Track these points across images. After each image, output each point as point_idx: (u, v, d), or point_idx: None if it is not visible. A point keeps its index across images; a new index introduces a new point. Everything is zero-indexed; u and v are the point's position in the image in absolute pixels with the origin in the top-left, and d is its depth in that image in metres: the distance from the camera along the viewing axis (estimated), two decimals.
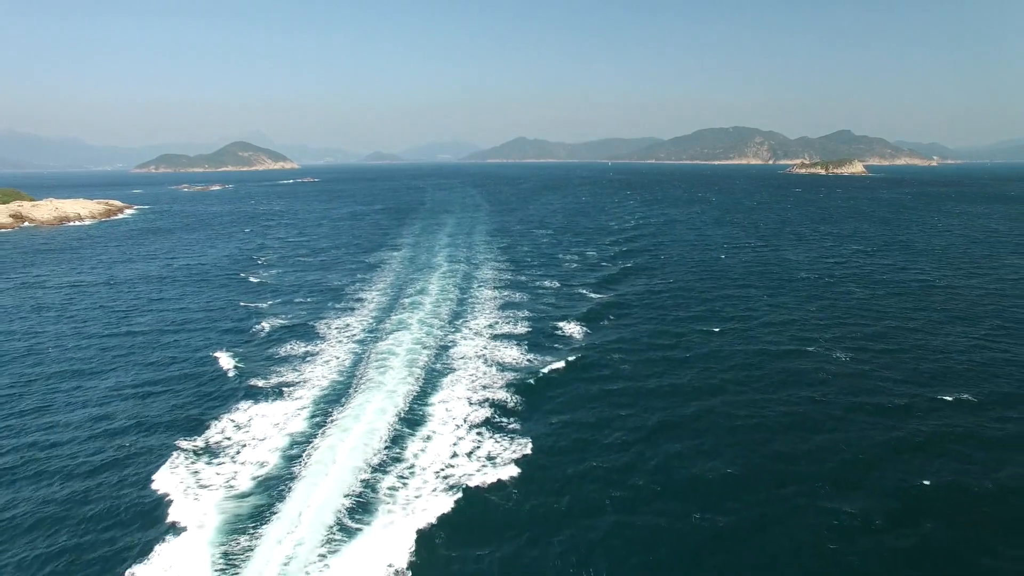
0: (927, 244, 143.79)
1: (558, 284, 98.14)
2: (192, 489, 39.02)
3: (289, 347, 67.34)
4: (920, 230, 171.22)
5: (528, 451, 43.53)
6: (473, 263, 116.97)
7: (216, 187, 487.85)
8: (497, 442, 44.56)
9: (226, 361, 63.22)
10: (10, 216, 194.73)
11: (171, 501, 37.83)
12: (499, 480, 39.42)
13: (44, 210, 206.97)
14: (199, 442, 45.40)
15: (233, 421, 48.69)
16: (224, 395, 54.48)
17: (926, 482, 40.15)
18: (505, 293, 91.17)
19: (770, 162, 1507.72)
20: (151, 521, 36.38)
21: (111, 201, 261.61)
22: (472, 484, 38.85)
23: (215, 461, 42.41)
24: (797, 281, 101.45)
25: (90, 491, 39.91)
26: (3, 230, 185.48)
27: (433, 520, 35.14)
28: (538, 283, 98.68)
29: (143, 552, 33.54)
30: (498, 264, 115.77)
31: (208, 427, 47.82)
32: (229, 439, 45.87)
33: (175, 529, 35.10)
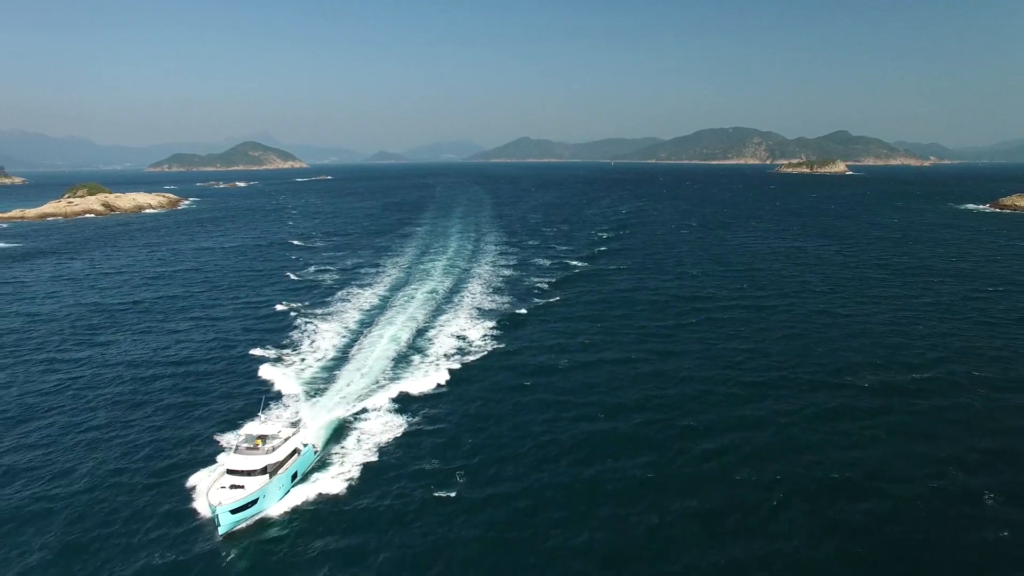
0: (828, 226, 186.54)
1: (539, 243, 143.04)
2: (298, 341, 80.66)
3: (357, 272, 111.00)
4: (842, 219, 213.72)
5: (513, 332, 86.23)
6: (479, 233, 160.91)
7: (242, 184, 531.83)
8: (493, 323, 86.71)
9: (309, 282, 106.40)
10: (102, 205, 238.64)
11: (276, 360, 79.62)
12: (494, 348, 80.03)
13: (125, 200, 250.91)
14: (295, 323, 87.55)
15: (313, 318, 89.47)
16: (312, 303, 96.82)
17: (715, 339, 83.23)
18: (503, 248, 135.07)
19: (767, 162, 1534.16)
20: (254, 375, 77.01)
21: (168, 195, 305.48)
22: (475, 350, 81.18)
23: (306, 336, 79.93)
24: (710, 248, 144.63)
25: (208, 360, 76.11)
26: (99, 216, 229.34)
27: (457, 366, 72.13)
28: (526, 243, 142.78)
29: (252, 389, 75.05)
30: (498, 234, 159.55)
31: (295, 320, 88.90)
32: (309, 325, 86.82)
33: (279, 376, 74.66)
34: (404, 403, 56.12)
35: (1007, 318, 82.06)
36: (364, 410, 54.31)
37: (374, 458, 46.63)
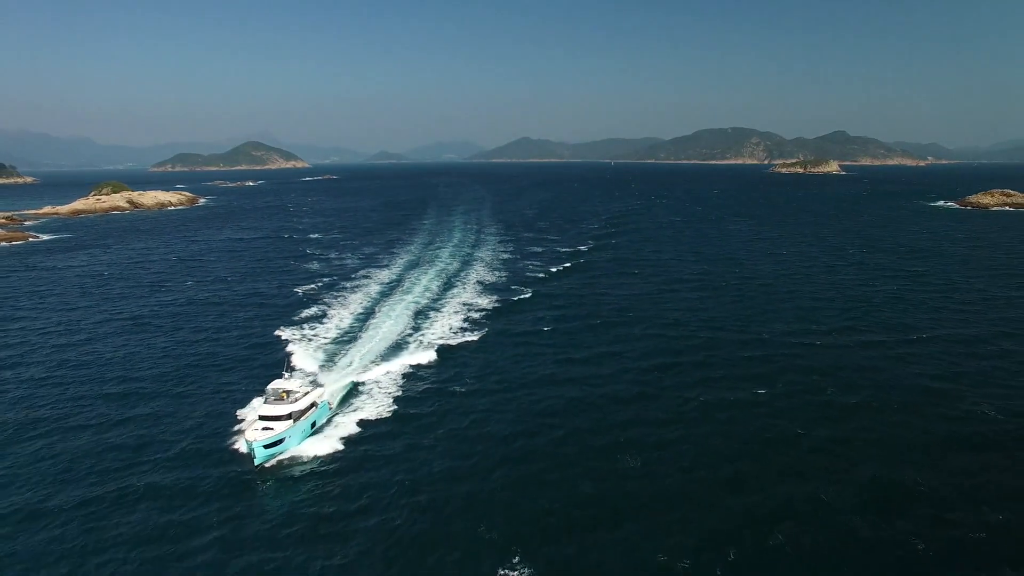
0: (801, 220, 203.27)
1: (533, 235, 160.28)
2: (320, 315, 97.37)
3: (369, 258, 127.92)
4: (817, 215, 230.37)
5: (508, 306, 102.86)
6: (481, 225, 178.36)
7: (250, 183, 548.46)
8: (491, 299, 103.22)
9: (326, 267, 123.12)
10: (127, 202, 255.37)
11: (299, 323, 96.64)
12: (492, 321, 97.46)
13: (148, 198, 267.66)
14: (314, 304, 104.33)
15: (330, 296, 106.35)
16: (329, 284, 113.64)
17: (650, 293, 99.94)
18: (502, 238, 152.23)
19: (766, 162, 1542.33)
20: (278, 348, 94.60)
21: (185, 193, 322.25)
22: (474, 325, 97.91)
23: (324, 311, 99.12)
24: (688, 240, 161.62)
25: (242, 327, 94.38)
26: (126, 212, 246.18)
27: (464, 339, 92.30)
28: (522, 235, 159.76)
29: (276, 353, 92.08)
30: (498, 227, 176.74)
31: (314, 297, 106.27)
32: (333, 298, 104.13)
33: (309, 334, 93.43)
34: (409, 368, 66.50)
35: (916, 297, 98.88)
36: (373, 374, 64.22)
37: (380, 412, 56.18)
